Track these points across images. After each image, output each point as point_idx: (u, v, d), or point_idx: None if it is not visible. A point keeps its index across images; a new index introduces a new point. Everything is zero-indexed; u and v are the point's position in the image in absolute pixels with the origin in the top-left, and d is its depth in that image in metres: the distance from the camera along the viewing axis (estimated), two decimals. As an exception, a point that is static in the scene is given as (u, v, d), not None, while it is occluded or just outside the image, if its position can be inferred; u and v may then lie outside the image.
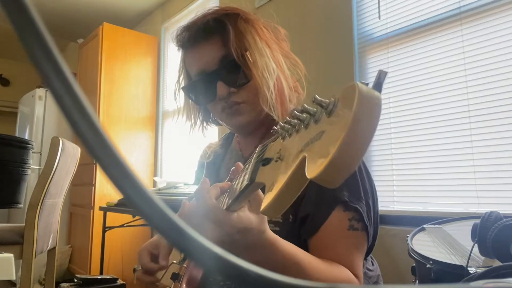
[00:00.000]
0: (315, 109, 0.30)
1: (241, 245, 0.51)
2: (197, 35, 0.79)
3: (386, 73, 0.27)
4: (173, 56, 3.42)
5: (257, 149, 0.44)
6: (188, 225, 0.52)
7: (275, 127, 0.38)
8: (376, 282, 0.82)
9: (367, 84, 0.28)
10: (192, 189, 2.06)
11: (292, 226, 0.73)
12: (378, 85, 0.27)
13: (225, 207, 0.48)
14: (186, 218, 0.53)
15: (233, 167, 0.56)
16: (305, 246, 0.70)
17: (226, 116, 0.81)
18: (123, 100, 3.26)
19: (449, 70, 1.53)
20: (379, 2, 1.80)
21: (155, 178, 2.74)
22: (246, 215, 0.49)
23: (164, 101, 3.45)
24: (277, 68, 0.78)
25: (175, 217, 0.18)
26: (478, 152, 1.42)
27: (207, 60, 0.78)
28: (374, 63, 1.80)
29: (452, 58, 1.52)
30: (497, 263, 0.67)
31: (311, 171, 0.26)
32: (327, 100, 0.28)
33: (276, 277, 0.18)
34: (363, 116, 0.24)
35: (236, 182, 0.48)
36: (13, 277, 0.95)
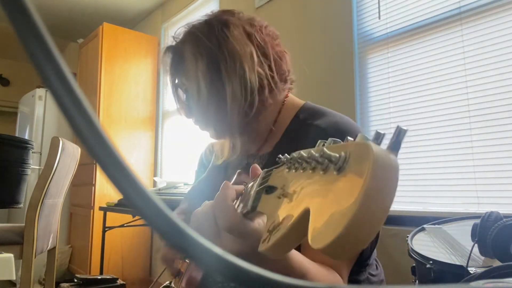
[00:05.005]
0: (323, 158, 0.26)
1: (260, 255, 0.49)
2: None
3: (406, 130, 0.24)
4: (173, 56, 3.41)
5: (261, 174, 0.43)
6: (199, 230, 0.48)
7: (280, 155, 0.36)
8: None
9: (380, 138, 0.24)
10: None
11: None
12: (396, 144, 0.23)
13: (239, 211, 0.46)
14: (198, 222, 0.49)
15: (238, 170, 0.55)
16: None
17: None
18: (123, 100, 3.26)
19: (449, 70, 1.53)
20: (379, 2, 1.79)
21: (155, 178, 2.74)
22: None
23: (164, 101, 3.45)
24: (230, 87, 0.72)
25: (175, 217, 0.18)
26: (478, 152, 1.42)
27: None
28: (374, 63, 1.80)
29: (452, 58, 1.52)
30: (497, 263, 0.67)
31: (316, 240, 0.23)
32: (337, 155, 0.25)
33: (276, 277, 0.18)
34: (376, 191, 0.21)
35: (244, 198, 0.46)
36: (13, 277, 0.95)
